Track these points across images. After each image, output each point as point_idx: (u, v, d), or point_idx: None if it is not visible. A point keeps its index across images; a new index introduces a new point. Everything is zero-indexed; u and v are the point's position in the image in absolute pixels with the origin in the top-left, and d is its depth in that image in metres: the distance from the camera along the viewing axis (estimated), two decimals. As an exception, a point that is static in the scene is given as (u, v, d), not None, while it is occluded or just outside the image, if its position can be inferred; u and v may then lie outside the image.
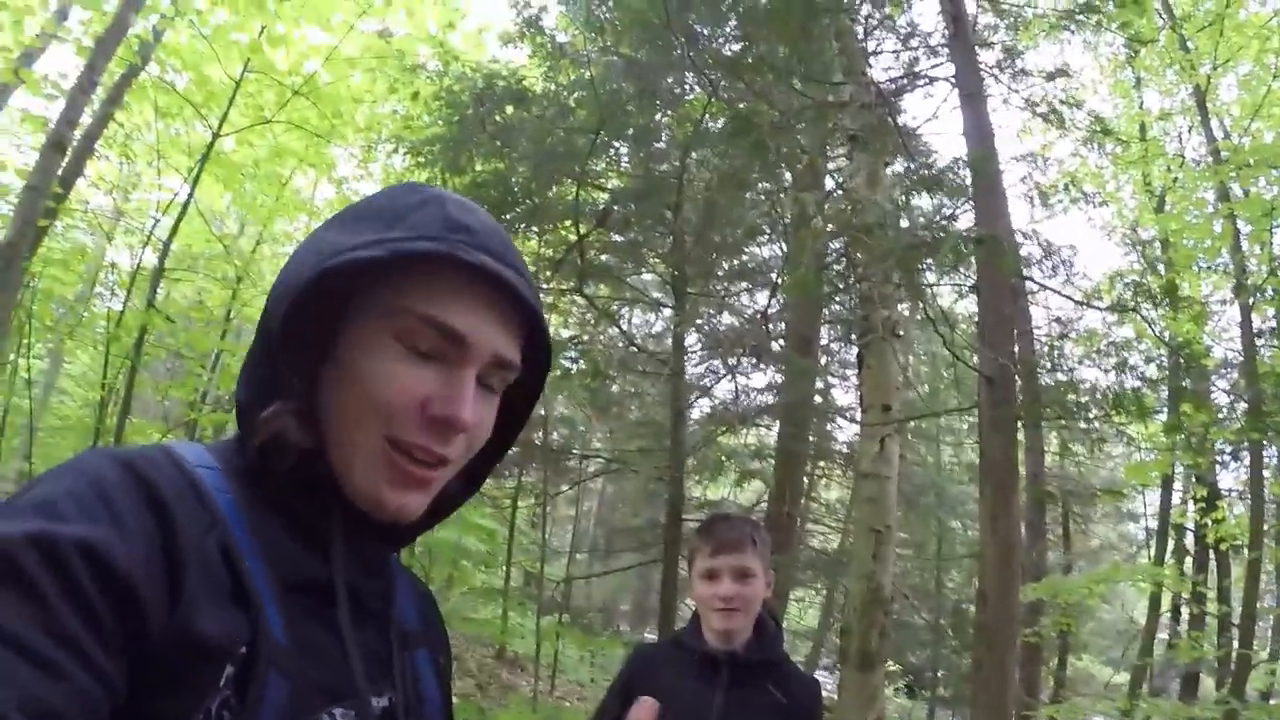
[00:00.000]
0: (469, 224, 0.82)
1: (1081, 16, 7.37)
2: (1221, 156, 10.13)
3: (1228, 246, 9.99)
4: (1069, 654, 17.17)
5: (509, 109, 6.64)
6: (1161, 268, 10.24)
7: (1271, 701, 12.25)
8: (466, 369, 0.81)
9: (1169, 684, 16.93)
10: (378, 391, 0.79)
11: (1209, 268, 10.87)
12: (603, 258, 9.45)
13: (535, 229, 7.89)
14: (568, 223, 7.58)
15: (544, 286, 7.70)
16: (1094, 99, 13.15)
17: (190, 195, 7.91)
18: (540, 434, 9.12)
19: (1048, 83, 8.01)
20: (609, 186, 8.18)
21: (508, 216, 7.01)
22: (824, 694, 2.45)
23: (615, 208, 7.79)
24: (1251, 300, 9.88)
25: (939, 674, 16.99)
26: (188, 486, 0.76)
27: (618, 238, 8.95)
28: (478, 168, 6.37)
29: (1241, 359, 10.43)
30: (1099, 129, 9.29)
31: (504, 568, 11.63)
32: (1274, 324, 10.60)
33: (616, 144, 7.59)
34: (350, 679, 0.79)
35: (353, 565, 0.83)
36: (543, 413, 10.32)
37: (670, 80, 7.62)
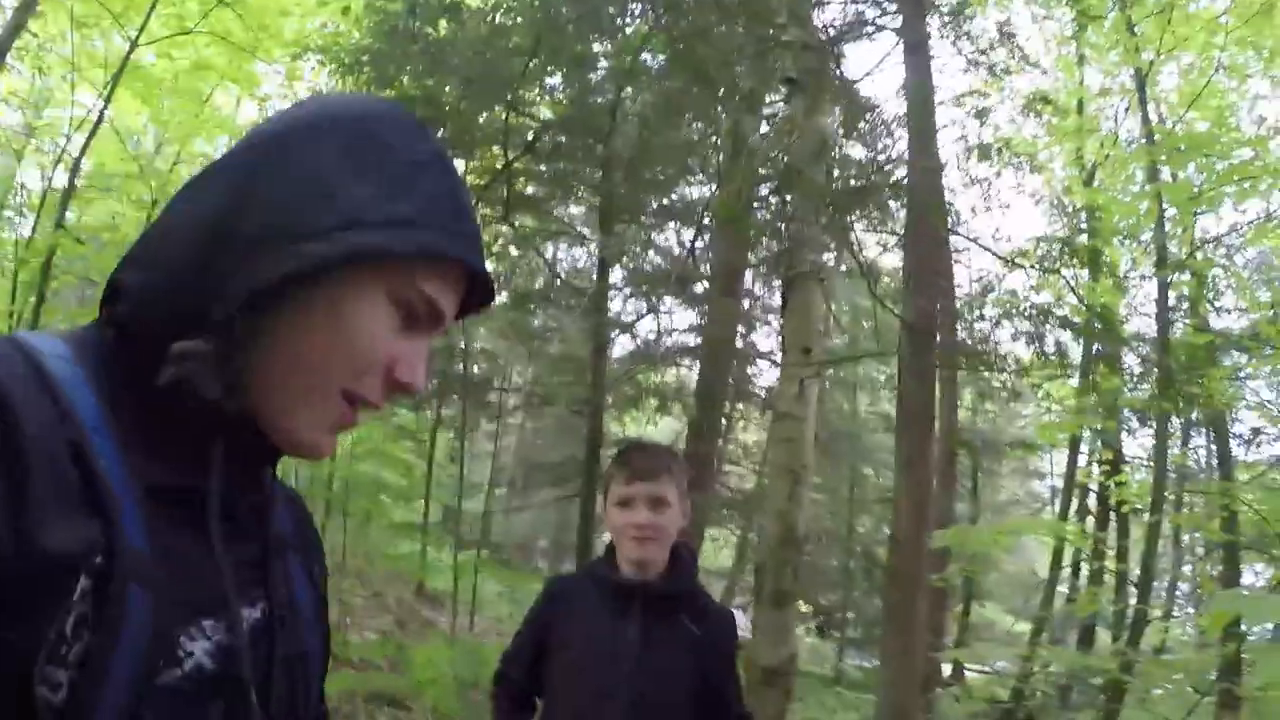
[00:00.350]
0: (468, 209, 0.86)
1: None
2: (1155, 139, 10.34)
3: (1151, 225, 10.24)
4: (974, 601, 17.87)
5: (442, 23, 6.39)
6: (1085, 238, 10.45)
7: (1164, 656, 12.86)
8: (428, 339, 0.85)
9: (1067, 634, 17.72)
10: (363, 348, 0.79)
11: (1131, 243, 11.15)
12: (530, 189, 9.27)
13: (462, 154, 7.67)
14: (496, 149, 7.36)
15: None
16: (1036, 72, 13.32)
17: (104, 110, 7.49)
18: (460, 366, 8.96)
19: (990, 50, 8.04)
20: (540, 115, 7.97)
21: (438, 135, 6.77)
22: (738, 630, 2.46)
23: (545, 135, 7.59)
24: (1170, 278, 10.15)
25: (849, 615, 17.55)
26: (34, 377, 0.69)
27: (544, 169, 8.77)
28: (405, 83, 6.12)
29: (1155, 333, 10.75)
30: (1038, 97, 9.40)
31: (423, 503, 11.53)
32: (1188, 303, 10.93)
33: (551, 70, 7.37)
34: (220, 589, 0.75)
35: (228, 474, 0.78)
36: (463, 345, 10.19)
37: (611, 9, 7.42)
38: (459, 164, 8.67)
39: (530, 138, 7.58)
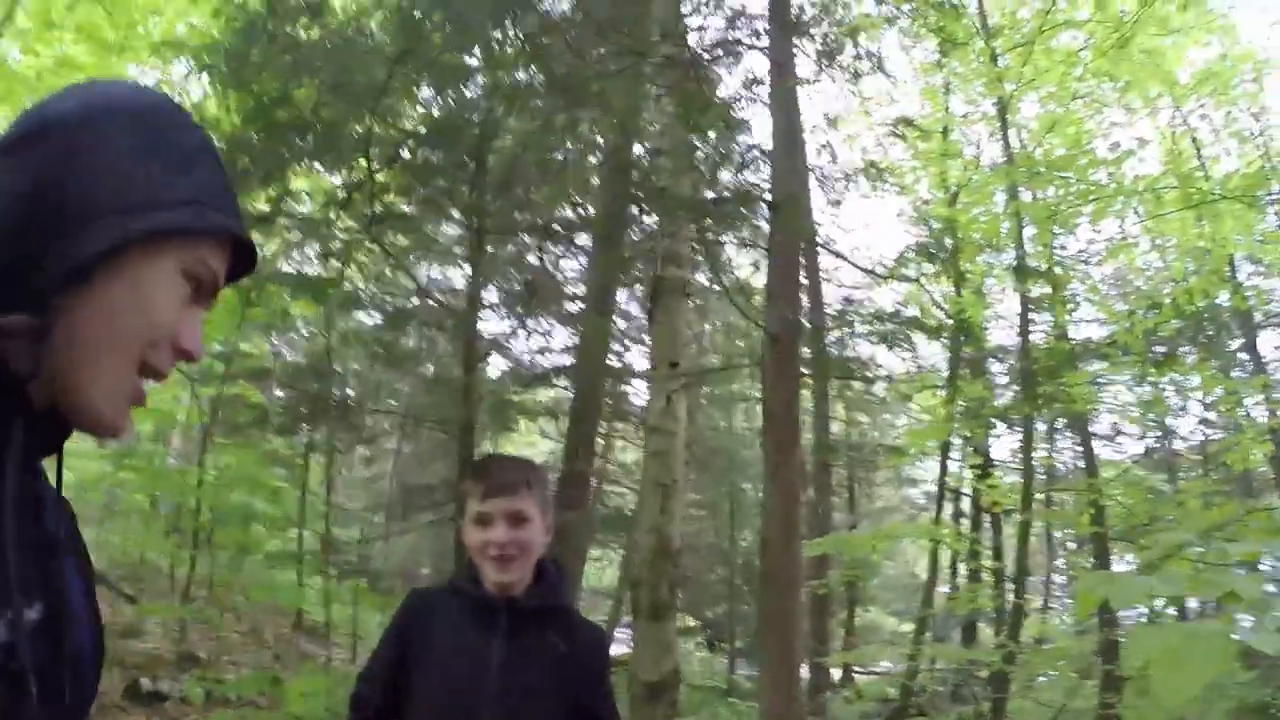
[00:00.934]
0: (234, 191, 0.94)
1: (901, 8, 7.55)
2: (1015, 162, 10.80)
3: (1013, 242, 10.68)
4: (857, 606, 18.28)
5: (303, 22, 6.17)
6: (948, 246, 10.82)
7: (1045, 646, 13.33)
8: (204, 309, 0.90)
9: (950, 632, 18.24)
10: (157, 319, 0.83)
11: (994, 260, 11.59)
12: (403, 206, 9.06)
13: (321, 163, 7.44)
14: (361, 160, 7.14)
15: (332, 229, 7.28)
16: (904, 100, 13.85)
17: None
18: (329, 387, 8.69)
19: (858, 80, 8.26)
20: (408, 128, 7.79)
21: (298, 143, 6.54)
22: (619, 647, 2.36)
23: (414, 149, 7.41)
24: (1030, 291, 10.59)
25: (736, 627, 17.72)
26: None
27: (417, 185, 8.58)
28: (262, 86, 5.89)
29: (1018, 343, 11.21)
30: (903, 121, 9.70)
31: (297, 531, 11.12)
32: (1049, 314, 11.40)
33: (420, 80, 7.21)
34: (6, 587, 0.75)
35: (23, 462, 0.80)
36: (337, 368, 9.89)
37: (480, 19, 7.31)
38: (322, 173, 8.46)
39: (397, 150, 7.39)
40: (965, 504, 17.30)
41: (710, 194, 6.47)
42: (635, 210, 6.70)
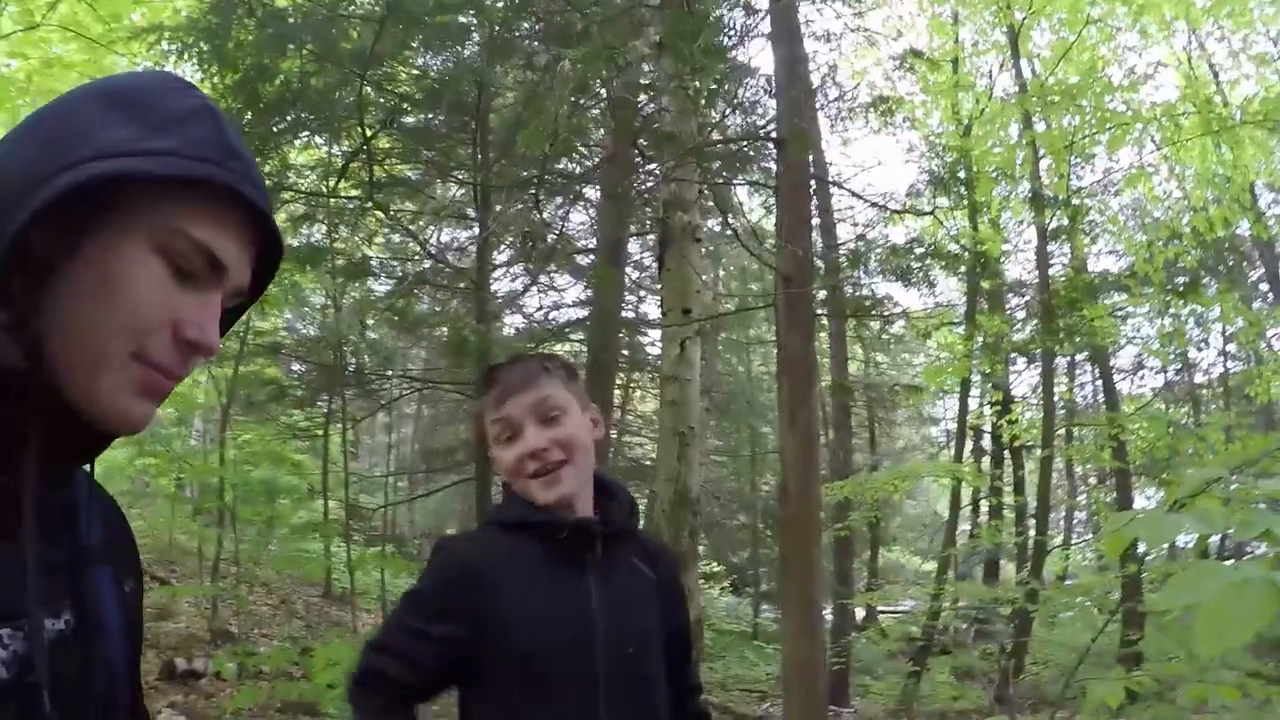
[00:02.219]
0: (242, 152, 0.81)
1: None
2: (1028, 92, 10.58)
3: (1028, 174, 10.51)
4: (879, 546, 18.42)
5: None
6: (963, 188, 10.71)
7: (1066, 582, 13.37)
8: (216, 295, 0.80)
9: (973, 569, 18.35)
10: (136, 308, 0.75)
11: (1009, 192, 11.43)
12: (405, 171, 8.98)
13: (316, 134, 7.35)
14: (356, 128, 7.06)
15: (333, 198, 7.20)
16: (911, 33, 13.60)
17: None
18: (340, 356, 8.68)
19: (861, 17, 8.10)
20: (401, 91, 7.69)
21: (288, 118, 6.45)
22: None
23: (409, 112, 7.32)
24: (1048, 222, 10.44)
25: (760, 571, 17.87)
26: None
27: (419, 149, 8.50)
28: (245, 60, 5.79)
29: (1036, 277, 11.10)
30: (912, 53, 9.50)
31: (321, 501, 11.22)
32: (1067, 246, 11.25)
33: (410, 42, 7.10)
34: (20, 597, 0.73)
35: (41, 471, 0.76)
36: (351, 337, 9.87)
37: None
38: (320, 144, 8.37)
39: (393, 115, 7.29)
40: (986, 441, 17.29)
41: (715, 136, 6.36)
42: (640, 158, 6.60)
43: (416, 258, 9.52)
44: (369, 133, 6.37)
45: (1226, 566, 1.11)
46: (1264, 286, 17.96)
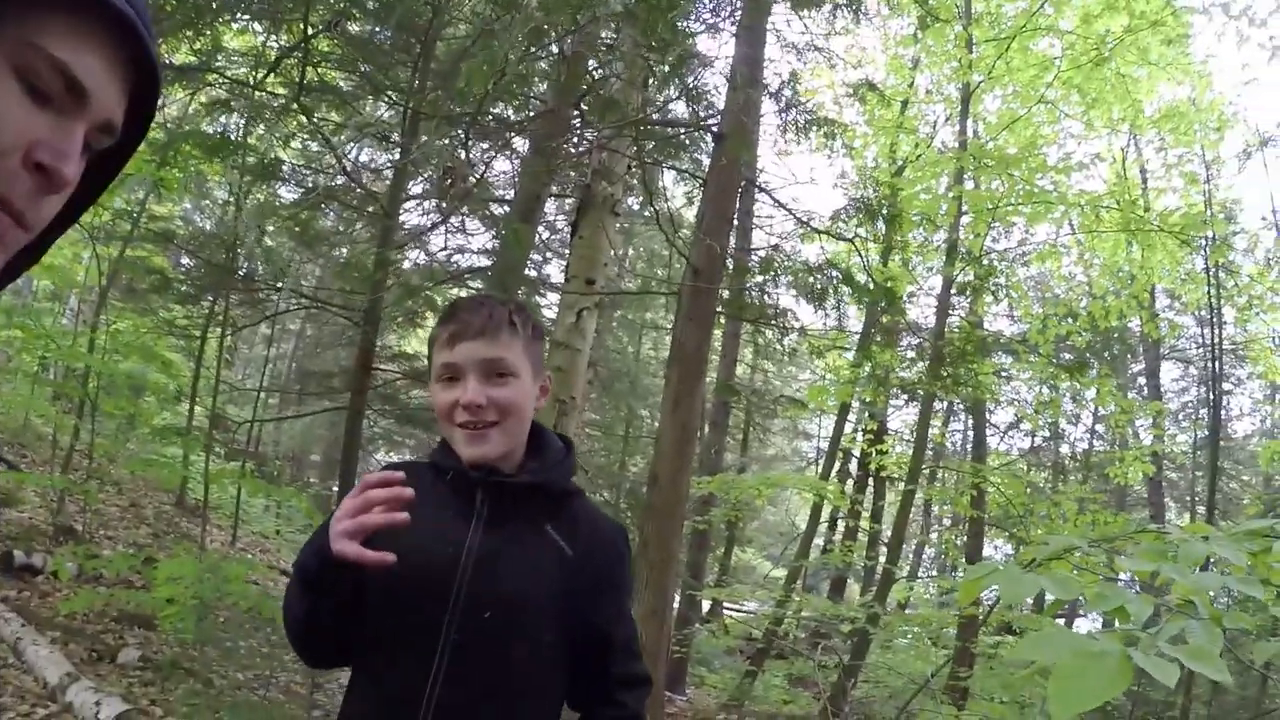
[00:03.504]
0: None
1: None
2: (967, 149, 10.88)
3: (948, 225, 10.81)
4: (735, 546, 18.82)
5: None
6: (885, 214, 10.97)
7: (907, 611, 13.86)
8: (78, 123, 0.70)
9: (820, 584, 18.96)
10: None
11: (925, 241, 11.75)
12: (337, 80, 8.66)
13: (258, 21, 7.01)
14: (299, 24, 6.74)
15: (258, 91, 6.88)
16: (870, 67, 13.86)
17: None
18: (232, 257, 8.34)
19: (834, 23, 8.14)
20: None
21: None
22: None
23: (354, 15, 7.03)
24: (955, 275, 10.77)
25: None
26: None
27: (361, 62, 8.19)
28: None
29: (934, 322, 11.43)
30: (865, 84, 9.64)
31: (187, 406, 10.76)
32: (969, 300, 11.62)
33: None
34: None
35: None
36: (248, 240, 9.49)
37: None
38: (257, 31, 8.01)
39: (339, 18, 6.99)
40: (854, 465, 17.87)
41: (658, 117, 6.31)
42: (578, 119, 6.48)
43: (330, 171, 9.20)
44: (311, 31, 6.09)
45: (1077, 634, 1.11)
46: (1141, 380, 19.03)
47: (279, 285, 9.11)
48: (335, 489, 11.26)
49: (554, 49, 6.82)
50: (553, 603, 1.55)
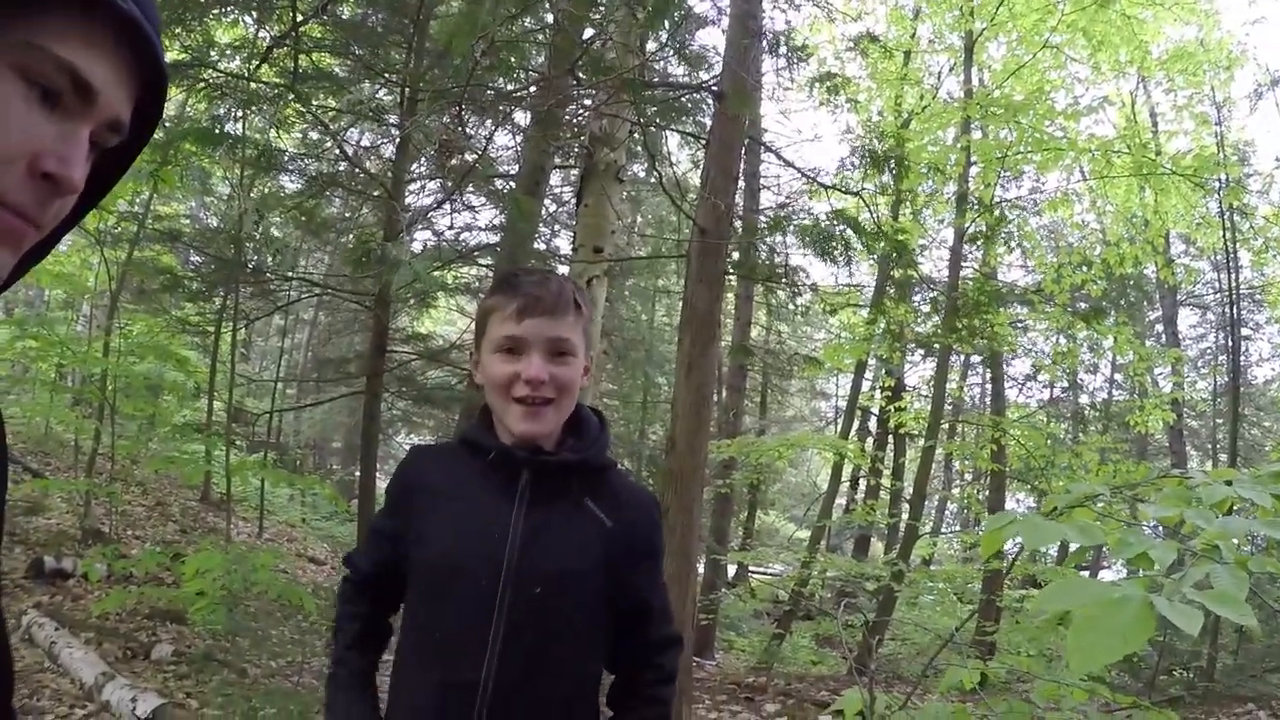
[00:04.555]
0: None
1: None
2: (973, 99, 10.73)
3: (957, 176, 10.69)
4: (757, 509, 18.88)
5: None
6: (892, 164, 10.87)
7: (931, 568, 13.89)
8: (84, 125, 0.70)
9: (844, 543, 19.03)
10: None
11: (935, 193, 11.64)
12: (331, 65, 8.60)
13: (248, 12, 6.96)
14: (289, 10, 6.68)
15: (252, 82, 6.83)
16: (870, 19, 13.66)
17: None
18: (240, 251, 8.33)
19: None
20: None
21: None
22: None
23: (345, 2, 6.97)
24: (966, 226, 10.67)
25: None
26: None
27: (350, 44, 8.12)
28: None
29: (947, 275, 11.36)
30: (866, 37, 9.50)
31: (206, 401, 10.84)
32: (981, 252, 11.52)
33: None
34: None
35: None
36: (255, 233, 9.48)
37: None
38: (247, 23, 7.94)
39: (329, 2, 6.92)
40: (873, 423, 17.85)
41: (656, 79, 6.23)
42: (575, 86, 6.42)
43: (331, 158, 9.16)
44: (300, 18, 6.04)
45: (1100, 581, 1.08)
46: (1159, 328, 18.87)
47: (289, 275, 9.09)
48: (357, 474, 11.35)
49: (546, 16, 6.76)
50: (597, 574, 1.59)
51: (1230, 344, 14.99)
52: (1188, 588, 0.98)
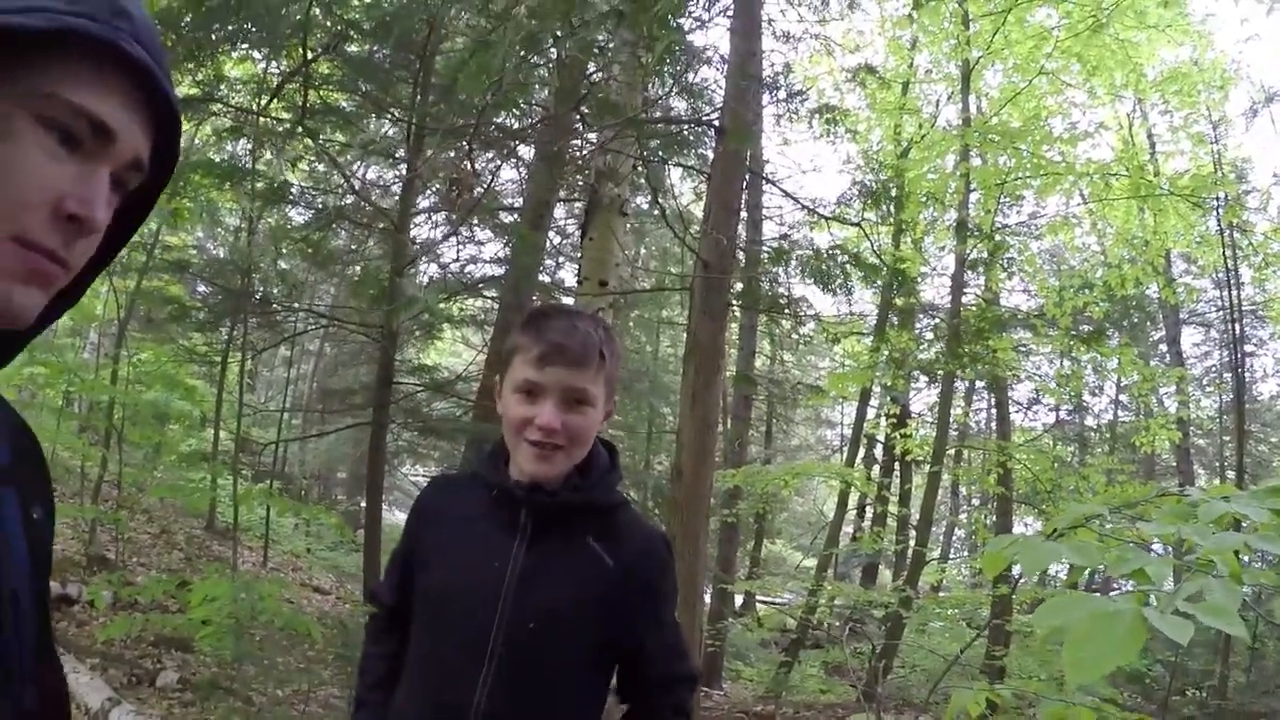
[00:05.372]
0: (133, 12, 0.73)
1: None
2: (971, 127, 10.85)
3: (957, 204, 10.78)
4: (764, 538, 18.85)
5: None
6: (893, 194, 10.99)
7: (940, 594, 13.84)
8: (104, 166, 0.72)
9: (851, 571, 18.94)
10: (12, 184, 0.67)
11: (935, 220, 11.73)
12: (340, 101, 8.72)
13: (258, 49, 7.07)
14: (298, 48, 6.80)
15: (263, 117, 6.94)
16: (868, 50, 13.85)
17: None
18: (248, 282, 8.41)
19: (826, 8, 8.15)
20: (350, 17, 7.45)
21: (229, 26, 6.18)
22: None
23: (352, 38, 7.09)
24: (968, 253, 10.74)
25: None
26: None
27: (358, 81, 8.24)
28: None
29: (949, 302, 11.42)
30: (865, 69, 9.63)
31: (212, 431, 10.87)
32: (983, 278, 11.58)
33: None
34: None
35: None
36: (262, 264, 9.56)
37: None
38: (257, 59, 8.07)
39: (337, 40, 7.05)
40: (878, 450, 17.84)
41: (659, 114, 6.34)
42: (580, 123, 6.52)
43: (339, 191, 9.27)
44: (310, 55, 6.15)
45: (1096, 597, 1.13)
46: (1162, 347, 18.90)
47: (295, 306, 9.18)
48: (362, 504, 11.39)
49: (551, 53, 6.87)
50: (594, 612, 1.60)
51: (1234, 361, 15.02)
52: (1180, 600, 1.04)
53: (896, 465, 17.19)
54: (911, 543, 11.64)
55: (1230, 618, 1.01)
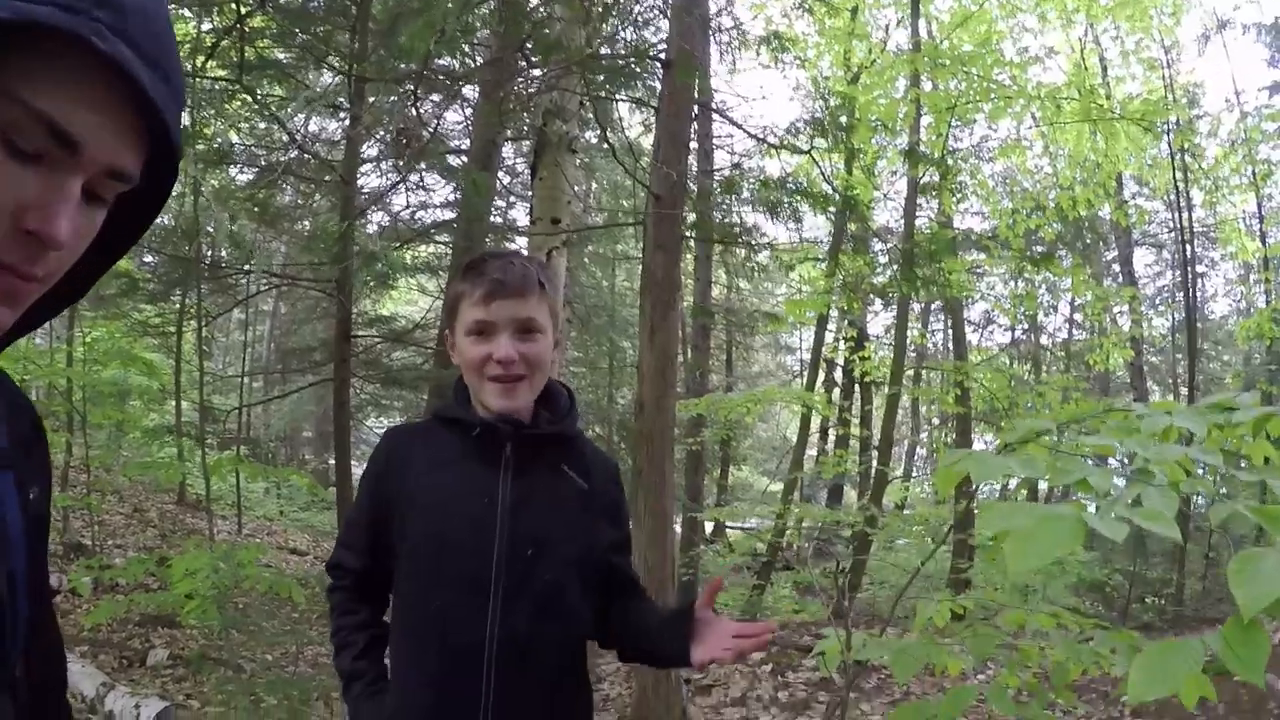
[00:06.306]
0: (122, 2, 0.63)
1: None
2: (921, 51, 10.79)
3: (908, 128, 10.77)
4: (730, 465, 19.13)
5: None
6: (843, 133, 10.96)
7: (904, 511, 14.15)
8: (71, 177, 0.65)
9: (818, 493, 19.30)
10: None
11: (887, 144, 11.72)
12: (276, 54, 8.50)
13: (189, 8, 6.87)
14: (230, 3, 6.60)
15: (199, 78, 6.76)
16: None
17: None
18: (197, 247, 8.25)
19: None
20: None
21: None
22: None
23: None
24: (920, 177, 10.77)
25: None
26: None
27: (294, 31, 8.03)
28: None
29: (901, 227, 11.49)
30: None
31: (174, 403, 10.75)
32: (936, 201, 11.64)
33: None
34: None
35: None
36: (210, 228, 9.38)
37: None
38: (188, 18, 7.84)
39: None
40: (838, 374, 18.09)
41: (604, 50, 6.26)
42: (524, 63, 6.43)
43: (283, 147, 9.08)
44: (243, 10, 5.98)
45: (1040, 505, 1.20)
46: (1116, 268, 19.24)
47: (247, 268, 9.03)
48: (331, 461, 11.37)
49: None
50: (581, 531, 1.72)
51: (1185, 281, 15.35)
52: (1120, 507, 1.10)
53: (856, 388, 17.42)
54: (874, 463, 11.87)
55: (1165, 521, 1.08)
